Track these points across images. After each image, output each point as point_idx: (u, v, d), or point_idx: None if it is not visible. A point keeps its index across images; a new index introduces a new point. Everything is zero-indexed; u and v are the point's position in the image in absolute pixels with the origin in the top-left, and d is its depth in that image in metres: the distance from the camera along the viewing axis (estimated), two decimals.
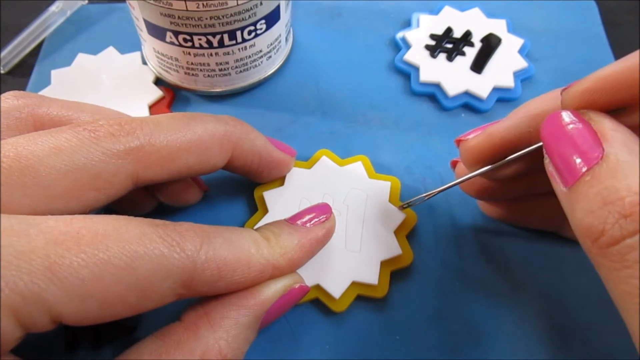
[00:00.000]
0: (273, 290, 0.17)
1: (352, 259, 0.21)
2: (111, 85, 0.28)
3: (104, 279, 0.13)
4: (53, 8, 0.31)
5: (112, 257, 0.13)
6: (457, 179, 0.20)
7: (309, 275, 0.21)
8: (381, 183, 0.23)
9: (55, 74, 0.28)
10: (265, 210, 0.23)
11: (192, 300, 0.17)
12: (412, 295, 0.22)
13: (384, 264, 0.21)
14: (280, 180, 0.23)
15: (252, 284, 0.17)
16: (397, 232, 0.22)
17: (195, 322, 0.16)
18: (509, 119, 0.18)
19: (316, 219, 0.19)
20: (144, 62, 0.29)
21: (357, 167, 0.24)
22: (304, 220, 0.19)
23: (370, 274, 0.21)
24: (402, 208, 0.22)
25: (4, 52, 0.30)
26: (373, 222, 0.22)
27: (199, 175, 0.19)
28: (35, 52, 0.30)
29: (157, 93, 0.27)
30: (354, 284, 0.21)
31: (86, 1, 0.32)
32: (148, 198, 0.22)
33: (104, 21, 0.31)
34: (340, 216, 0.22)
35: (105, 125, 0.16)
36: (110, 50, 0.29)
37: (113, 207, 0.21)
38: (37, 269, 0.12)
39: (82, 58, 0.29)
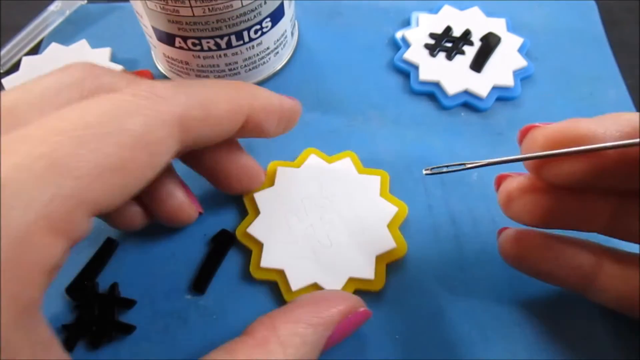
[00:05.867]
0: (337, 310, 0.18)
1: (347, 255, 0.21)
2: None
3: (108, 148, 0.14)
4: (52, 7, 0.31)
5: (110, 131, 0.14)
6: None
7: (306, 274, 0.21)
8: (371, 177, 0.23)
9: (25, 60, 0.29)
10: (257, 212, 0.23)
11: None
12: (410, 290, 0.22)
13: (378, 257, 0.21)
14: (269, 181, 0.23)
15: (241, 119, 0.18)
16: (389, 225, 0.22)
17: (264, 337, 0.16)
18: (600, 119, 0.16)
19: None
20: (112, 60, 0.29)
21: (346, 164, 0.24)
22: None
23: (366, 269, 0.21)
24: (431, 173, 0.19)
25: (2, 51, 0.30)
26: (365, 216, 0.22)
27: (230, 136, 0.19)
28: (33, 52, 0.30)
29: None
30: (351, 280, 0.21)
31: (85, 1, 0.32)
32: (142, 215, 0.22)
33: (103, 21, 0.31)
34: (333, 213, 0.22)
35: (158, 87, 0.16)
36: (82, 43, 0.30)
37: (106, 220, 0.21)
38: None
39: (54, 47, 0.29)
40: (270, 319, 0.17)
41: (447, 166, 0.18)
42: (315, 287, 0.21)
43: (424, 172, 0.19)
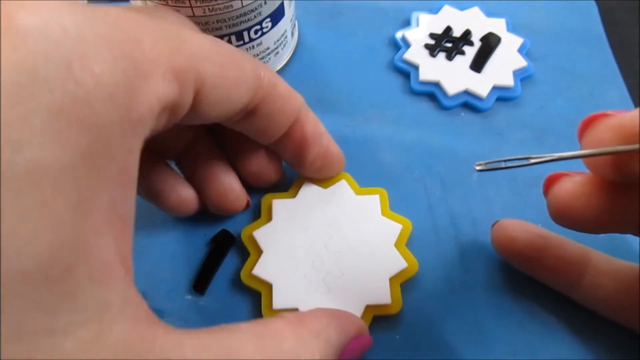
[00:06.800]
0: (355, 325, 0.17)
1: (360, 282, 0.20)
2: None
3: (221, 55, 0.16)
4: None
5: (222, 44, 0.16)
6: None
7: (320, 307, 0.20)
8: (369, 198, 0.22)
9: None
10: (259, 251, 0.21)
11: None
12: (409, 290, 0.22)
13: (392, 279, 0.20)
14: (267, 217, 0.22)
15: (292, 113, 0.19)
16: (396, 244, 0.21)
17: (296, 321, 0.16)
18: None
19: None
20: None
21: (342, 187, 0.22)
22: None
23: (381, 294, 0.20)
24: (479, 168, 0.17)
25: None
26: (371, 239, 0.21)
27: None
28: None
29: None
30: (369, 307, 0.20)
31: (85, 1, 0.32)
32: (195, 201, 0.22)
33: None
34: (338, 239, 0.21)
35: None
36: None
37: (159, 204, 0.21)
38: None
39: None
40: (295, 313, 0.17)
41: (505, 160, 0.16)
42: None
43: (476, 167, 0.17)
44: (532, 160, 0.15)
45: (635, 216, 0.16)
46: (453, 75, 0.27)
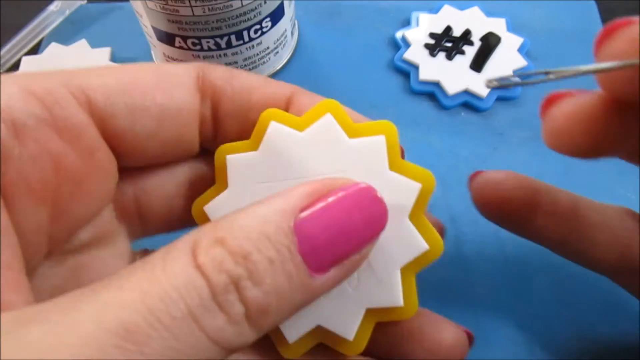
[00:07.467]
0: (299, 189, 0.12)
1: (359, 275, 0.14)
2: None
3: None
4: (52, 7, 0.31)
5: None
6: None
7: (304, 316, 0.14)
8: (370, 141, 0.14)
9: (25, 60, 0.29)
10: (225, 185, 0.15)
11: None
12: None
13: (405, 269, 0.14)
14: (255, 138, 0.15)
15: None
16: (412, 214, 0.14)
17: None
18: None
19: None
20: (112, 60, 0.29)
21: (327, 125, 0.14)
22: None
23: (390, 292, 0.14)
24: (490, 85, 0.15)
25: (2, 51, 0.30)
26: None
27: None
28: (33, 52, 0.30)
29: None
30: (370, 312, 0.14)
31: (85, 1, 0.32)
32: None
33: (102, 21, 0.31)
34: None
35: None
36: (82, 43, 0.30)
37: None
38: None
39: (54, 47, 0.30)
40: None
41: (520, 76, 0.14)
42: (320, 331, 0.14)
43: (487, 83, 0.14)
44: (551, 76, 0.14)
45: (636, 141, 0.14)
46: (453, 75, 0.27)
